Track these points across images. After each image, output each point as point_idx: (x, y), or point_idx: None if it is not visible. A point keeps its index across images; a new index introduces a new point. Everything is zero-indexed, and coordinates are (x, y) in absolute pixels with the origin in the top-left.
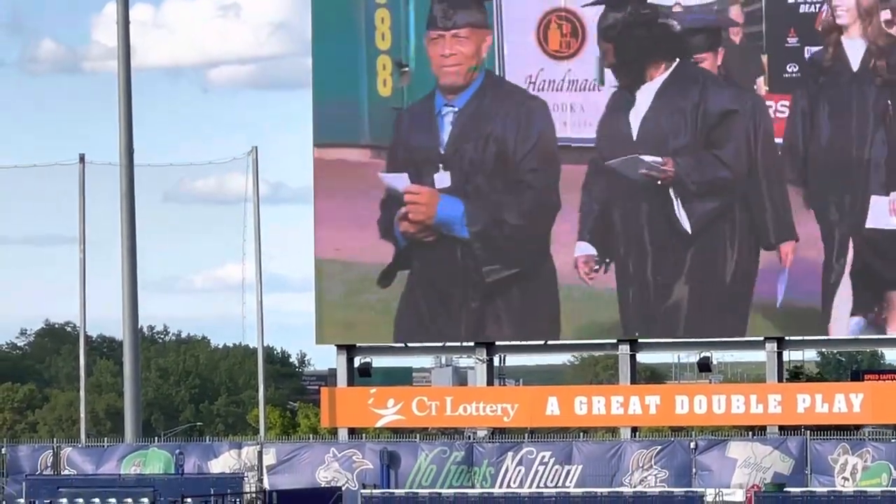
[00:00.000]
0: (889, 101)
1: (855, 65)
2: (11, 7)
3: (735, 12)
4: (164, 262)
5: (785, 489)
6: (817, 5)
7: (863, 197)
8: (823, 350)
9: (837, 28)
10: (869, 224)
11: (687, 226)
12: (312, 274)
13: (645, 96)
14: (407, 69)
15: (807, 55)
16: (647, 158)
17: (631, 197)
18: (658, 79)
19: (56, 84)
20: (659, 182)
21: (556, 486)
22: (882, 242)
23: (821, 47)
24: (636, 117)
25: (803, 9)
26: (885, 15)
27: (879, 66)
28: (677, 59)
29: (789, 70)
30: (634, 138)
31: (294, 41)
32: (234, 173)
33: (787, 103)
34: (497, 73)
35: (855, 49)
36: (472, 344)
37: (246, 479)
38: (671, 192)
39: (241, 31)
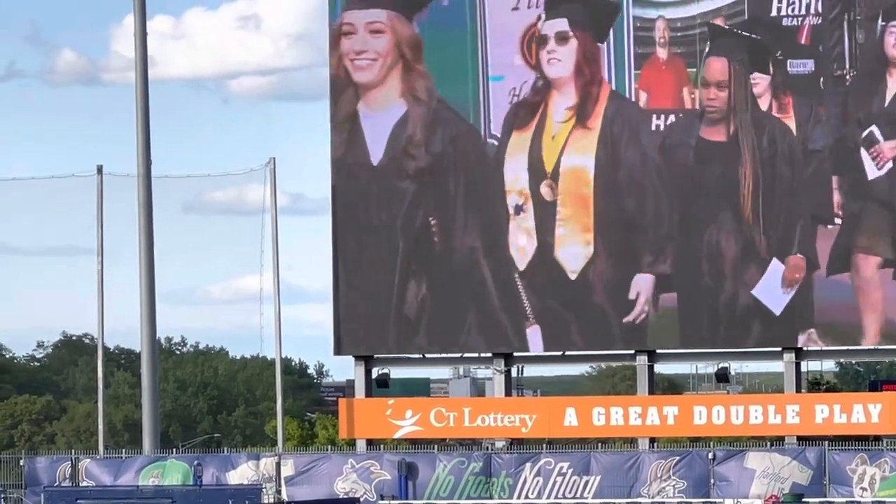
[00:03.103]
0: None
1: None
2: (31, 19)
3: None
4: (183, 274)
5: (803, 500)
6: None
7: None
8: (842, 361)
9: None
10: None
11: None
12: (331, 284)
13: None
14: None
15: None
16: None
17: None
18: None
19: (76, 95)
20: None
21: (574, 497)
22: None
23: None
24: None
25: None
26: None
27: None
28: None
29: None
30: None
31: (314, 52)
32: (253, 184)
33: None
34: None
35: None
36: (489, 355)
37: (264, 490)
38: None
39: (261, 43)
